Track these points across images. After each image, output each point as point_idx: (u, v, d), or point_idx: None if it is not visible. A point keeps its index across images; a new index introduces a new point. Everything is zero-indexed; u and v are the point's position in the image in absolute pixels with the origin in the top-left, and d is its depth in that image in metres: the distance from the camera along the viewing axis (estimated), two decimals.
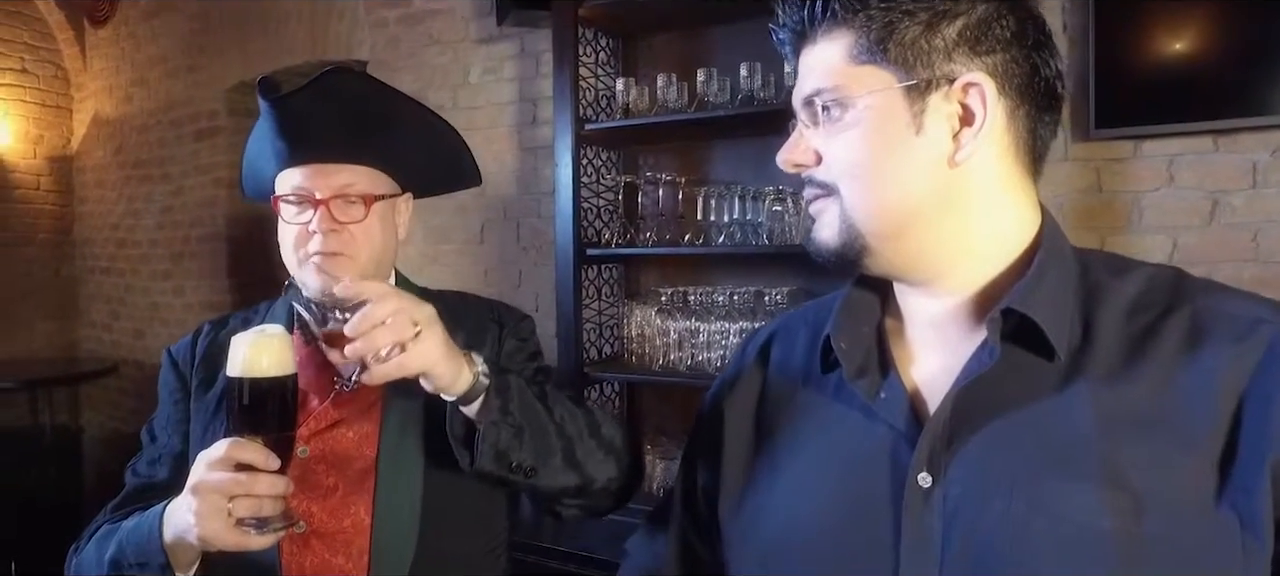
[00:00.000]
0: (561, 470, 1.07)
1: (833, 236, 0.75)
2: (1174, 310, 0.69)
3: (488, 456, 1.01)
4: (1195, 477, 0.62)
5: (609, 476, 1.12)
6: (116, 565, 1.07)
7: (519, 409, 1.03)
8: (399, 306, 0.94)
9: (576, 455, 1.08)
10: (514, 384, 1.04)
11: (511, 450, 1.02)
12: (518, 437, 1.03)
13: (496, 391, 1.01)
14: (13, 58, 4.72)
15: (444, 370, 0.97)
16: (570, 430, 1.08)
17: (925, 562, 0.69)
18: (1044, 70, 0.73)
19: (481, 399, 1.01)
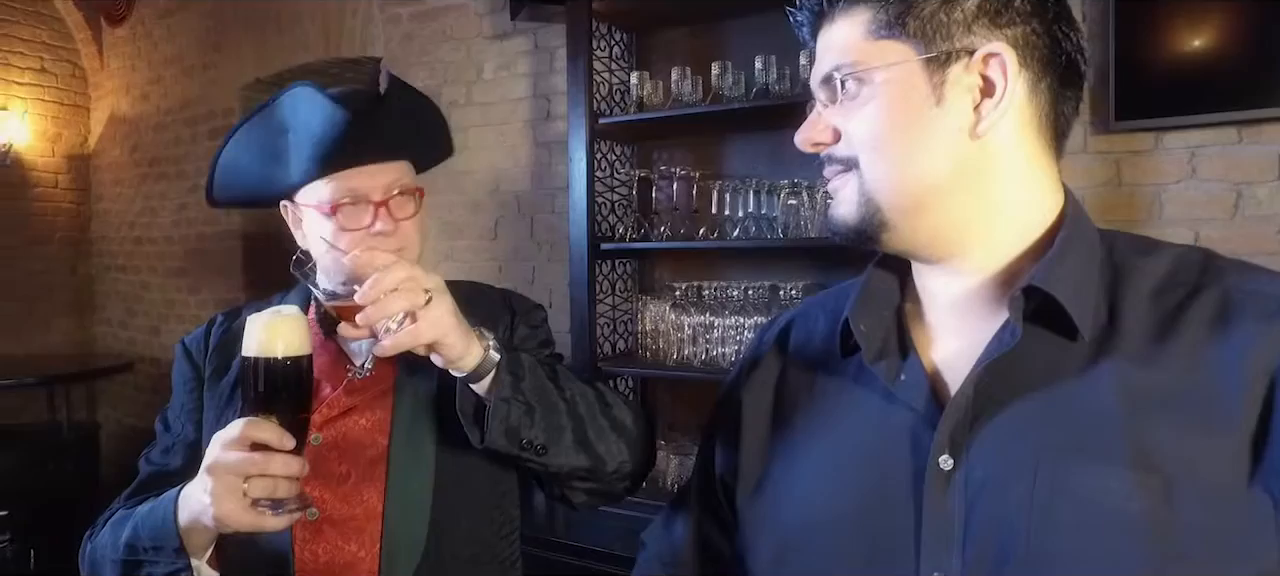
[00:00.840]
0: (572, 449, 1.06)
1: (851, 212, 0.74)
2: (1202, 289, 0.68)
3: (497, 432, 1.00)
4: (1227, 459, 0.61)
5: (621, 459, 1.11)
6: (131, 549, 1.07)
7: (530, 386, 1.02)
8: (410, 273, 0.94)
9: (588, 435, 1.08)
10: (526, 361, 1.04)
11: (522, 427, 1.02)
12: (529, 415, 1.02)
13: (508, 367, 1.01)
14: (32, 57, 4.77)
15: (455, 340, 0.96)
16: (581, 409, 1.08)
17: (946, 545, 0.68)
18: (1065, 43, 0.72)
19: (492, 375, 1.00)
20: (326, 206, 1.12)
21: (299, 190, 1.16)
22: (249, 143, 1.18)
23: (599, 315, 2.50)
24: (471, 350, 0.98)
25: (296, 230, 1.22)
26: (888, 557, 0.71)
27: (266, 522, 0.95)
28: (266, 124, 1.16)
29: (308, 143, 1.12)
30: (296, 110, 1.13)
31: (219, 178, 1.21)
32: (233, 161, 1.20)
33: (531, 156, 3.08)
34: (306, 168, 1.13)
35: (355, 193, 1.12)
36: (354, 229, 1.12)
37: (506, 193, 3.14)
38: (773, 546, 0.80)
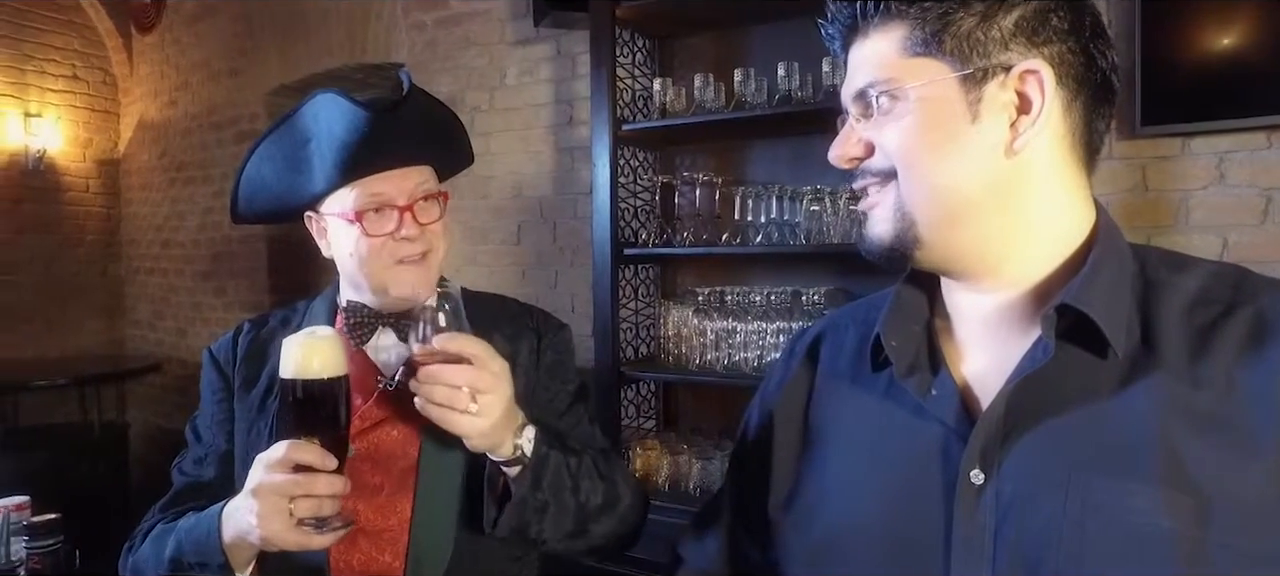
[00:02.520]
0: (568, 537, 1.13)
1: (887, 229, 0.75)
2: (1237, 308, 0.68)
3: (506, 525, 1.07)
4: (1261, 481, 0.61)
5: (608, 536, 1.17)
6: (176, 564, 1.10)
7: (550, 486, 1.08)
8: (469, 381, 0.98)
9: (588, 527, 1.14)
10: (552, 461, 1.08)
11: (531, 525, 1.08)
12: (541, 513, 1.08)
13: (534, 467, 1.06)
14: (65, 65, 4.86)
15: (481, 444, 1.02)
16: (590, 504, 1.13)
17: (977, 560, 0.69)
18: (1100, 61, 0.72)
19: (519, 468, 1.06)
20: (351, 214, 1.14)
21: (323, 200, 1.18)
22: (272, 155, 1.20)
23: (622, 320, 2.51)
24: (502, 448, 1.04)
25: (321, 240, 1.24)
26: (918, 570, 0.72)
27: (312, 541, 0.98)
28: (288, 136, 1.18)
29: (331, 148, 1.14)
30: (318, 118, 1.15)
31: (243, 192, 1.24)
32: (256, 175, 1.22)
33: (554, 161, 3.10)
34: (330, 174, 1.15)
35: (380, 198, 1.14)
36: (379, 235, 1.14)
37: (529, 197, 3.16)
38: (805, 556, 0.81)
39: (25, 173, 4.71)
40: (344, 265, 1.22)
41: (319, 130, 1.15)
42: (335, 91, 1.12)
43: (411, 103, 1.15)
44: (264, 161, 1.21)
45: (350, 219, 1.14)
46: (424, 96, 1.21)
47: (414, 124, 1.17)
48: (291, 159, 1.19)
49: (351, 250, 1.17)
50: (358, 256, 1.16)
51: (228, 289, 4.50)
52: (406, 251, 1.15)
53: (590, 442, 1.26)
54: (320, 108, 1.14)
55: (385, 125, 1.12)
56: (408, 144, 1.17)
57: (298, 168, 1.18)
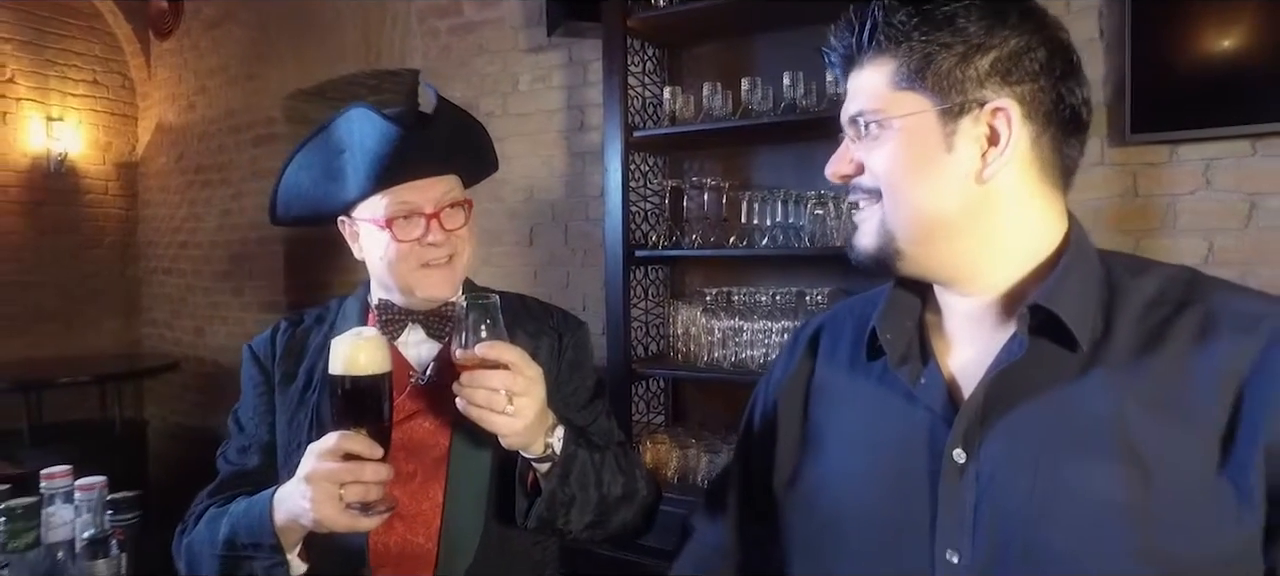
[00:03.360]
0: (590, 526, 1.22)
1: (871, 242, 0.84)
2: (1188, 306, 0.77)
3: (536, 519, 1.17)
4: (1199, 453, 0.70)
5: (624, 525, 1.27)
6: (230, 545, 1.18)
7: (576, 481, 1.17)
8: (506, 385, 1.06)
9: (609, 517, 1.23)
10: (579, 458, 1.17)
11: (558, 516, 1.18)
12: (568, 506, 1.17)
13: (562, 464, 1.15)
14: (85, 70, 4.97)
15: (515, 442, 1.11)
16: (611, 497, 1.22)
17: (959, 530, 0.78)
18: (1069, 98, 0.81)
19: (548, 465, 1.15)
20: (382, 219, 1.22)
21: (356, 206, 1.27)
22: (308, 164, 1.28)
23: (633, 319, 2.61)
24: (534, 447, 1.13)
25: (354, 243, 1.32)
26: (908, 540, 0.81)
27: (361, 523, 1.07)
28: (324, 145, 1.26)
29: (364, 159, 1.22)
30: (351, 130, 1.23)
31: (281, 198, 1.32)
32: (294, 182, 1.30)
33: (566, 166, 3.20)
34: (363, 183, 1.23)
35: (409, 206, 1.22)
36: (407, 240, 1.23)
37: (541, 200, 3.26)
38: (806, 529, 0.90)
39: (47, 175, 4.82)
40: (374, 267, 1.31)
41: (353, 141, 1.23)
42: (367, 106, 1.21)
43: (440, 116, 1.24)
44: (301, 170, 1.29)
45: (381, 224, 1.23)
46: (452, 109, 1.29)
47: (441, 136, 1.25)
48: (327, 168, 1.27)
49: (382, 254, 1.25)
50: (387, 259, 1.24)
51: (245, 289, 4.59)
52: (433, 256, 1.24)
53: (608, 435, 1.36)
54: (354, 121, 1.22)
55: (414, 139, 1.20)
56: (435, 156, 1.25)
57: (333, 176, 1.27)
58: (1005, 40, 0.79)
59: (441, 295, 1.27)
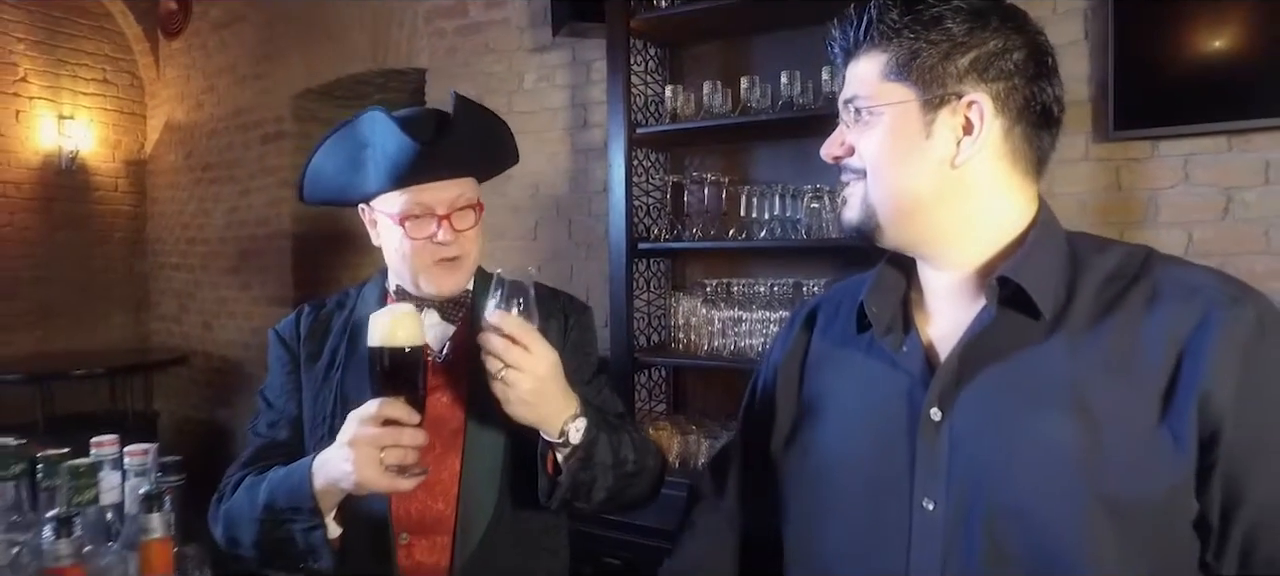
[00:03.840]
0: (604, 502, 1.30)
1: (855, 215, 0.94)
2: (1140, 279, 0.86)
3: (558, 501, 1.24)
4: (1143, 407, 0.79)
5: (636, 497, 1.35)
6: (269, 509, 1.25)
7: (599, 465, 1.24)
8: (498, 351, 1.14)
9: (624, 492, 1.31)
10: (599, 443, 1.23)
11: (579, 495, 1.25)
12: (589, 489, 1.24)
13: (584, 450, 1.21)
14: (96, 69, 5.06)
15: (519, 413, 1.17)
16: (630, 468, 1.29)
17: (934, 482, 0.87)
18: (1041, 96, 0.89)
19: (569, 449, 1.21)
20: (397, 216, 1.30)
21: (376, 197, 1.35)
22: (334, 153, 1.36)
23: (636, 310, 2.70)
24: (549, 429, 1.19)
25: (372, 230, 1.40)
26: (889, 490, 0.90)
27: (398, 484, 1.14)
28: (350, 138, 1.34)
29: (383, 160, 1.30)
30: (374, 130, 1.31)
31: (308, 181, 1.41)
32: (319, 168, 1.39)
33: (569, 162, 3.29)
34: (381, 181, 1.31)
35: (423, 206, 1.30)
36: (419, 238, 1.31)
37: (546, 196, 3.35)
38: (800, 484, 0.99)
39: (58, 173, 4.91)
40: (389, 257, 1.38)
41: (375, 140, 1.31)
42: (388, 115, 1.28)
43: (459, 122, 1.31)
44: (327, 158, 1.37)
45: (396, 220, 1.31)
46: (471, 111, 1.36)
47: (459, 143, 1.32)
48: (351, 159, 1.35)
49: (396, 246, 1.33)
50: (401, 252, 1.33)
51: (253, 283, 4.68)
52: (443, 254, 1.32)
53: (611, 407, 1.44)
54: (376, 123, 1.30)
55: (432, 148, 1.27)
56: (450, 163, 1.33)
57: (356, 167, 1.35)
58: (985, 41, 0.88)
59: (448, 291, 1.35)
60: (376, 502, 1.30)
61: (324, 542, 1.23)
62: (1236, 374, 0.77)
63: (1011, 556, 0.82)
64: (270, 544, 1.27)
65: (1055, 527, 0.80)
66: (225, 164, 4.81)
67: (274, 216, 4.52)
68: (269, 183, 4.54)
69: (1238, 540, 0.78)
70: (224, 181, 4.82)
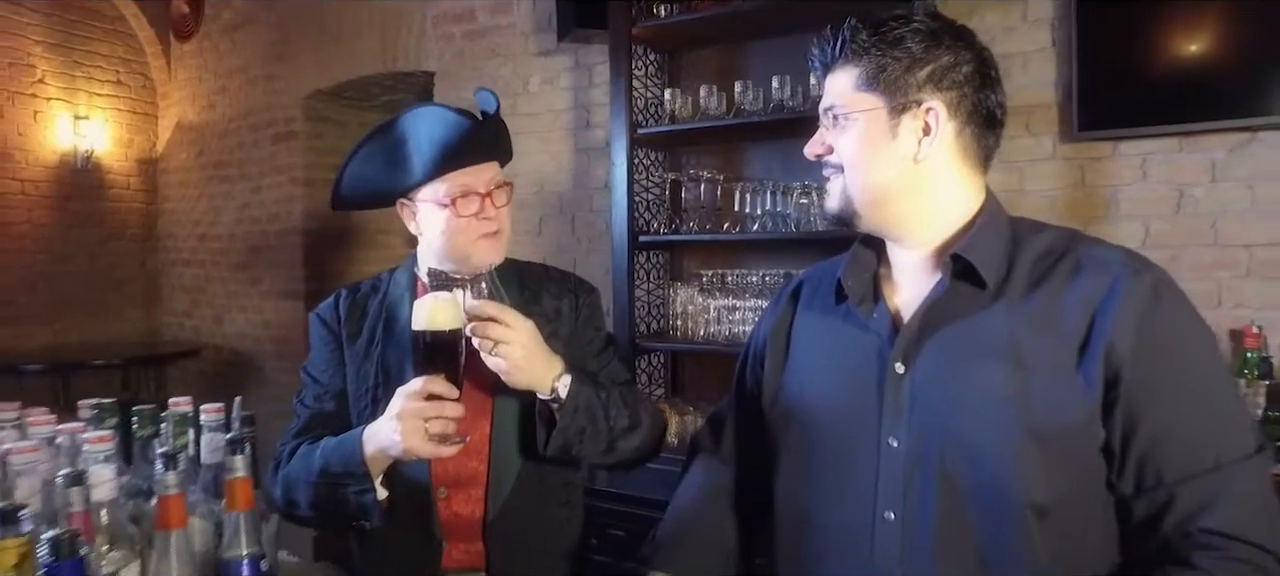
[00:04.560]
0: (602, 454, 1.47)
1: (836, 204, 1.12)
2: (1066, 256, 1.05)
3: (555, 448, 1.41)
4: (1064, 355, 0.98)
5: (633, 453, 1.51)
6: (324, 474, 1.41)
7: (585, 415, 1.39)
8: (483, 332, 1.32)
9: (616, 444, 1.47)
10: (584, 397, 1.39)
11: (573, 445, 1.41)
12: (580, 436, 1.41)
13: (570, 402, 1.38)
14: (109, 71, 5.22)
15: (517, 379, 1.35)
16: (617, 427, 1.46)
17: (897, 422, 1.06)
18: (987, 102, 1.08)
19: (560, 404, 1.39)
20: (444, 199, 1.46)
21: (418, 189, 1.50)
22: (372, 155, 1.52)
23: (637, 299, 2.89)
24: (541, 389, 1.37)
25: (410, 222, 1.56)
26: (861, 429, 1.09)
27: (442, 451, 1.31)
28: (386, 140, 1.50)
29: (429, 147, 1.46)
30: (418, 125, 1.47)
31: (346, 186, 1.55)
32: (358, 172, 1.53)
33: (572, 161, 3.47)
34: (428, 167, 1.47)
35: (466, 187, 1.46)
36: (467, 215, 1.47)
37: (550, 193, 3.53)
38: (787, 429, 1.18)
39: (74, 171, 5.06)
40: (432, 241, 1.55)
41: (418, 133, 1.48)
42: (438, 105, 1.48)
43: (489, 118, 1.50)
44: (365, 161, 1.53)
45: (443, 203, 1.47)
46: (495, 112, 1.54)
47: (493, 131, 1.52)
48: (389, 158, 1.51)
49: (442, 228, 1.49)
50: (448, 233, 1.49)
51: (264, 279, 4.84)
52: (485, 229, 1.48)
53: (618, 377, 1.62)
54: (421, 118, 1.47)
55: (475, 131, 1.47)
56: (488, 146, 1.52)
57: (395, 164, 1.51)
58: (939, 56, 1.06)
59: (493, 260, 1.51)
60: (418, 464, 1.45)
61: (374, 503, 1.38)
62: (1134, 331, 0.96)
63: (958, 479, 1.01)
64: (325, 505, 1.42)
65: (993, 455, 0.99)
66: (236, 162, 4.97)
67: (285, 213, 4.68)
68: (280, 180, 4.70)
69: (1133, 461, 0.97)
70: (235, 179, 4.98)
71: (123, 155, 5.32)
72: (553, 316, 1.56)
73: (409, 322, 1.45)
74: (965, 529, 1.00)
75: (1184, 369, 0.97)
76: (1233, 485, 0.93)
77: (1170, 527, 0.95)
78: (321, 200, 4.66)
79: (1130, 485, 0.98)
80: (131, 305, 5.42)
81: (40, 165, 4.94)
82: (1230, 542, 0.91)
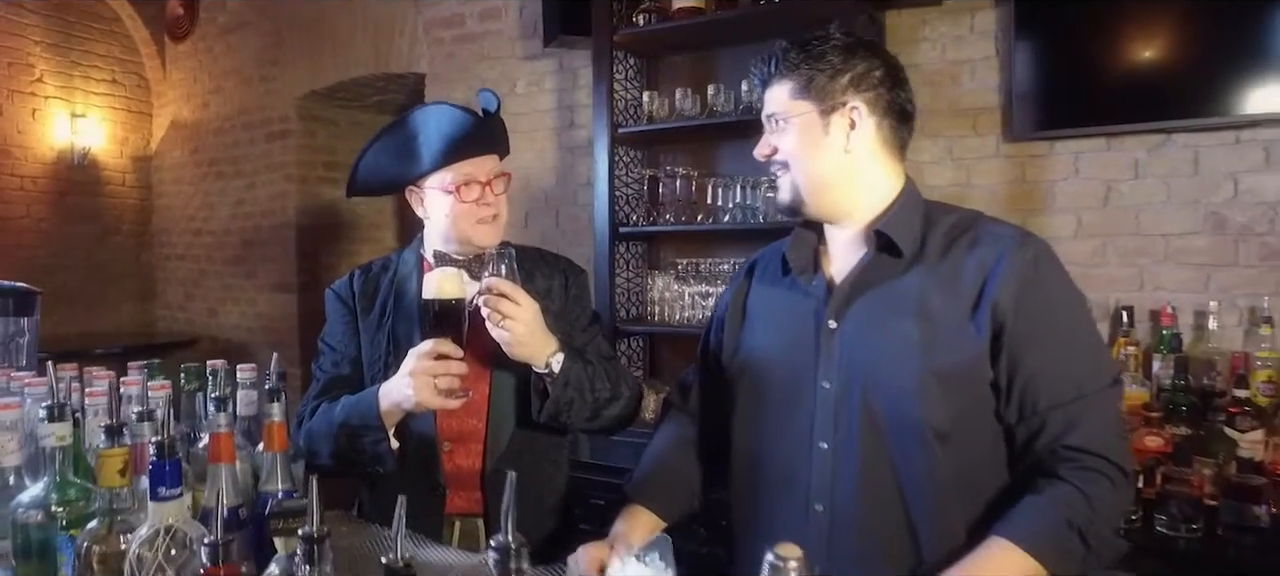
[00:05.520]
0: (587, 421, 1.67)
1: (786, 196, 1.35)
2: (968, 230, 1.28)
3: (546, 416, 1.60)
4: (960, 310, 1.21)
5: (613, 417, 1.71)
6: (344, 427, 1.59)
7: (573, 387, 1.58)
8: (495, 305, 1.50)
9: (601, 413, 1.67)
10: (573, 371, 1.57)
11: (562, 414, 1.60)
12: (569, 406, 1.60)
13: (562, 375, 1.56)
14: (106, 70, 5.36)
15: (517, 352, 1.53)
16: (601, 398, 1.66)
17: (830, 368, 1.29)
18: (899, 99, 1.31)
19: (552, 377, 1.58)
20: (450, 186, 1.65)
21: (426, 177, 1.69)
22: (385, 148, 1.72)
23: (617, 286, 3.11)
24: (537, 363, 1.55)
25: (418, 207, 1.74)
26: (800, 377, 1.31)
27: (448, 403, 1.51)
28: (397, 135, 1.70)
29: (438, 140, 1.65)
30: (427, 120, 1.67)
31: (361, 176, 1.74)
32: (373, 163, 1.73)
33: (557, 159, 3.68)
34: (435, 159, 1.66)
35: (470, 176, 1.65)
36: (470, 201, 1.66)
37: (536, 189, 3.74)
38: (742, 379, 1.41)
39: (71, 168, 5.20)
40: (438, 224, 1.74)
41: (427, 128, 1.67)
42: (443, 106, 1.68)
43: (492, 116, 1.71)
44: (380, 153, 1.72)
45: (448, 190, 1.66)
46: (496, 111, 1.74)
47: (494, 126, 1.72)
48: (401, 150, 1.70)
49: (447, 212, 1.68)
50: (451, 217, 1.68)
51: (258, 272, 5.00)
52: (485, 214, 1.68)
53: (603, 351, 1.83)
54: (429, 114, 1.67)
55: (479, 126, 1.67)
56: (489, 140, 1.71)
57: (406, 156, 1.70)
58: (856, 65, 1.29)
59: (491, 242, 1.71)
60: (425, 422, 1.66)
61: (388, 451, 1.58)
62: (1015, 291, 1.19)
63: (877, 411, 1.24)
64: (344, 454, 1.61)
65: (904, 390, 1.22)
66: (231, 160, 5.12)
67: (279, 209, 4.85)
68: (274, 177, 4.87)
69: (1015, 395, 1.20)
70: (230, 176, 5.13)
71: (118, 152, 5.47)
72: (544, 293, 1.76)
73: (417, 297, 1.66)
74: (882, 452, 1.24)
75: (1055, 322, 1.21)
76: (1091, 411, 1.17)
77: (1042, 447, 1.18)
78: (314, 196, 4.85)
79: (1013, 414, 1.21)
80: (127, 298, 5.57)
81: (39, 161, 5.08)
82: (1086, 456, 1.15)
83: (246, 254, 5.07)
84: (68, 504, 1.11)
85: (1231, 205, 2.44)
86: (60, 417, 1.12)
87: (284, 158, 4.81)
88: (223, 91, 5.15)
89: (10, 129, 4.94)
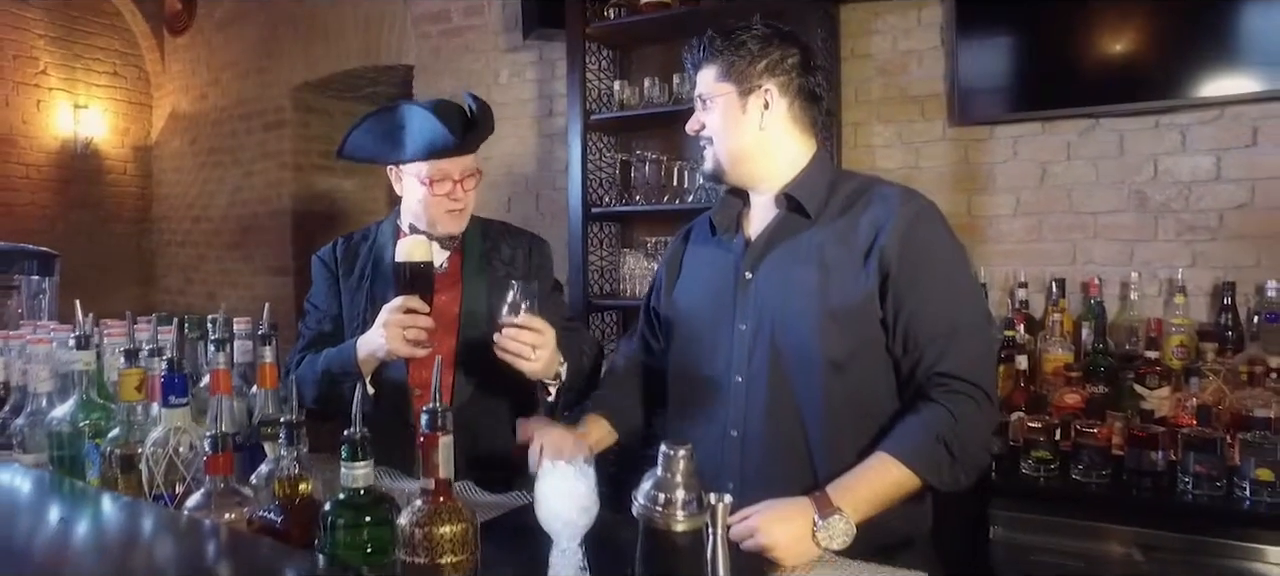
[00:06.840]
0: (563, 392, 1.83)
1: (709, 166, 1.55)
2: (864, 192, 1.48)
3: (556, 410, 1.79)
4: (854, 258, 1.40)
5: (584, 381, 1.88)
6: (326, 374, 1.80)
7: (571, 382, 1.76)
8: (531, 341, 1.59)
9: (574, 385, 1.84)
10: (572, 375, 1.76)
11: (561, 403, 1.79)
12: (566, 396, 1.79)
13: (568, 383, 1.75)
14: (107, 63, 5.55)
15: (535, 374, 1.64)
16: (582, 378, 1.82)
17: (746, 311, 1.49)
18: (808, 83, 1.50)
19: (558, 383, 1.75)
20: (424, 178, 1.83)
21: (406, 163, 1.88)
22: (372, 129, 1.88)
23: (591, 264, 3.31)
24: (549, 376, 1.69)
25: (397, 184, 1.93)
26: (721, 319, 1.51)
27: (416, 352, 1.69)
28: (387, 119, 1.87)
29: (420, 139, 1.82)
30: (413, 120, 1.83)
31: (349, 146, 1.90)
32: (359, 140, 1.90)
33: (537, 146, 3.88)
34: (415, 154, 1.83)
35: (444, 173, 1.83)
36: (439, 194, 1.84)
37: (517, 174, 3.93)
38: (676, 321, 1.61)
39: (74, 157, 5.40)
40: (411, 205, 1.92)
41: (412, 127, 1.83)
42: (428, 110, 1.81)
43: (478, 122, 1.85)
44: (366, 133, 1.89)
45: (423, 181, 1.84)
46: (485, 111, 1.88)
47: (474, 133, 1.86)
48: (387, 134, 1.87)
49: (419, 198, 1.86)
50: (423, 203, 1.86)
51: (255, 256, 5.19)
52: (454, 206, 1.86)
53: (563, 313, 2.02)
54: (415, 115, 1.82)
55: (460, 143, 1.80)
56: (466, 145, 1.86)
57: (391, 141, 1.86)
58: (771, 52, 1.49)
59: (456, 230, 1.90)
60: (398, 368, 1.85)
61: (365, 395, 1.78)
62: (899, 242, 1.39)
63: (782, 347, 1.44)
64: (326, 398, 1.80)
65: (805, 328, 1.42)
66: (229, 149, 5.31)
67: (275, 196, 5.04)
68: (270, 165, 5.06)
69: (900, 331, 1.39)
70: (228, 165, 5.32)
71: (119, 142, 5.66)
72: (508, 261, 1.96)
73: (392, 262, 1.86)
74: (786, 381, 1.44)
75: (934, 269, 1.41)
76: (961, 343, 1.37)
77: (920, 374, 1.38)
78: (309, 183, 5.04)
79: (899, 348, 1.41)
80: (129, 282, 5.76)
81: (42, 151, 5.27)
82: (955, 381, 1.35)
83: (244, 239, 5.25)
84: (92, 419, 1.31)
85: (1152, 185, 2.64)
86: (86, 346, 1.31)
87: (279, 147, 5.00)
88: (220, 83, 5.34)
89: (15, 119, 5.13)
